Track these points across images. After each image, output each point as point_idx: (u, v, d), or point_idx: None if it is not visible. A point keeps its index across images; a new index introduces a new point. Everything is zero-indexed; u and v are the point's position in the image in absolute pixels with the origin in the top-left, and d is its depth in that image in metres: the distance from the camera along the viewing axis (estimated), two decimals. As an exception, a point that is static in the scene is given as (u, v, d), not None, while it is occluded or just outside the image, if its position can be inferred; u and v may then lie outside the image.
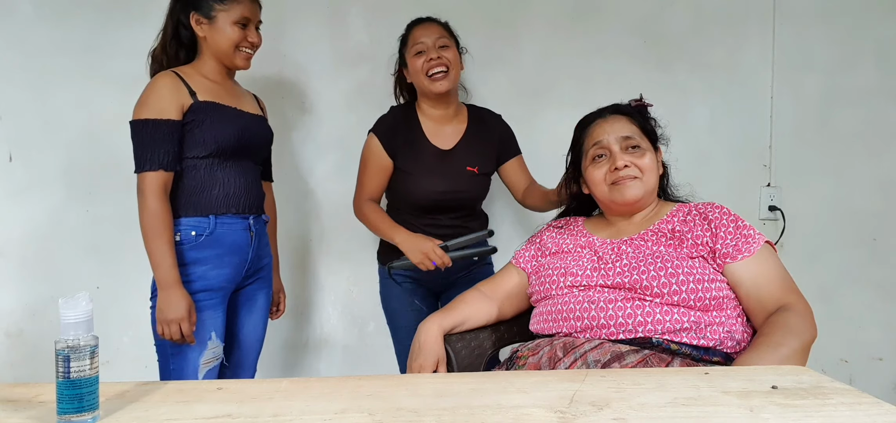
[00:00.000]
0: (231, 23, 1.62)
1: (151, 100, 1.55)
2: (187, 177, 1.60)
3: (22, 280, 2.14)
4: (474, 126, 1.93)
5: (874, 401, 0.81)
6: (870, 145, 2.33)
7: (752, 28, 2.31)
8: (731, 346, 1.18)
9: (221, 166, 1.63)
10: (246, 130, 1.67)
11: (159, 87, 1.57)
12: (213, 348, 1.60)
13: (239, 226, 1.66)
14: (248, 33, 1.66)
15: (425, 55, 1.81)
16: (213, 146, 1.60)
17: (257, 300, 1.78)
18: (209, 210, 1.61)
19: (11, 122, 2.12)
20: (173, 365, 1.57)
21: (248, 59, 1.69)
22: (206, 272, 1.59)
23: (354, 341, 2.29)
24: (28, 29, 2.10)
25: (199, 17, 1.63)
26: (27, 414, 0.81)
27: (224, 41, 1.63)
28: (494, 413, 0.78)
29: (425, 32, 1.84)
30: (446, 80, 1.81)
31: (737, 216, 1.27)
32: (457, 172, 1.86)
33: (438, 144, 1.87)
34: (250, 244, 1.69)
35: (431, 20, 1.88)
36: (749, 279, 1.19)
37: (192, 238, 1.58)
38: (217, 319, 1.62)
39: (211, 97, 1.62)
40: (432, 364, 1.28)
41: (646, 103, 1.44)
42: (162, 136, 1.54)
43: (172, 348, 1.57)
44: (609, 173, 1.34)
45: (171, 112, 1.55)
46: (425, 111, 1.89)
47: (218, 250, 1.61)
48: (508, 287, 1.44)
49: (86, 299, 0.77)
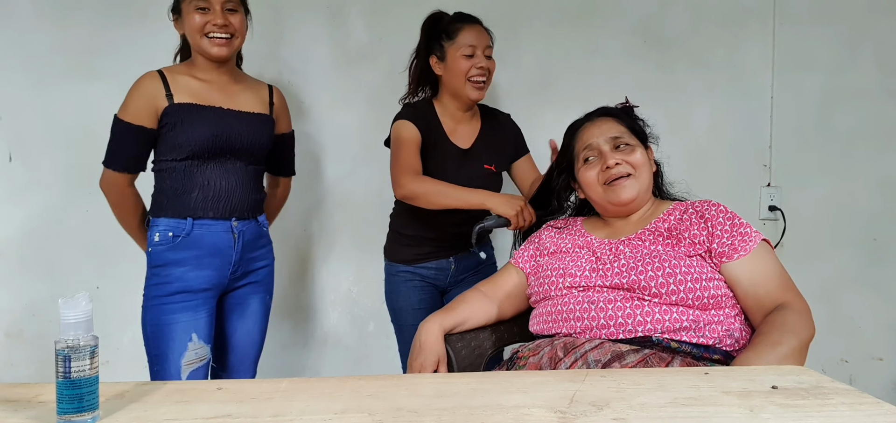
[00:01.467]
0: (193, 10, 1.60)
1: (130, 101, 1.60)
2: (167, 179, 1.61)
3: (22, 280, 2.14)
4: (488, 125, 1.93)
5: (874, 401, 0.81)
6: (870, 145, 2.33)
7: (752, 28, 2.31)
8: (730, 344, 1.18)
9: (201, 168, 1.62)
10: (224, 130, 1.61)
11: (138, 90, 1.60)
12: (194, 349, 1.60)
13: (219, 228, 1.64)
14: (212, 16, 1.59)
15: (474, 60, 1.78)
16: (187, 149, 1.59)
17: (250, 305, 1.76)
18: (187, 212, 1.61)
19: (11, 122, 2.12)
20: (156, 366, 1.60)
21: (219, 45, 1.60)
22: (185, 274, 1.60)
23: (354, 341, 2.29)
24: (28, 29, 2.10)
25: (175, 17, 1.66)
26: (27, 414, 0.81)
27: (190, 31, 1.62)
28: (494, 413, 0.78)
29: (478, 36, 1.80)
30: (484, 90, 1.82)
31: (734, 214, 1.26)
32: (476, 170, 1.85)
33: (458, 143, 1.86)
34: (233, 247, 1.66)
35: (480, 23, 1.84)
36: (746, 278, 1.19)
37: (169, 239, 1.59)
38: (199, 320, 1.61)
39: (191, 98, 1.61)
40: (433, 364, 1.28)
41: (632, 105, 1.45)
42: (130, 139, 1.59)
43: (154, 350, 1.60)
44: (601, 173, 1.34)
45: (143, 118, 1.58)
46: (447, 109, 1.87)
47: (196, 252, 1.61)
48: (508, 287, 1.44)
49: (86, 299, 0.77)
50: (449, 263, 1.89)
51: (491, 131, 1.92)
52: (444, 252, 1.88)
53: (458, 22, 1.82)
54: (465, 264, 1.90)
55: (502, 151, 1.92)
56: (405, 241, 1.88)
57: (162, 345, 1.58)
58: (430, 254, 1.87)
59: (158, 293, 1.59)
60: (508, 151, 1.94)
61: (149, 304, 1.61)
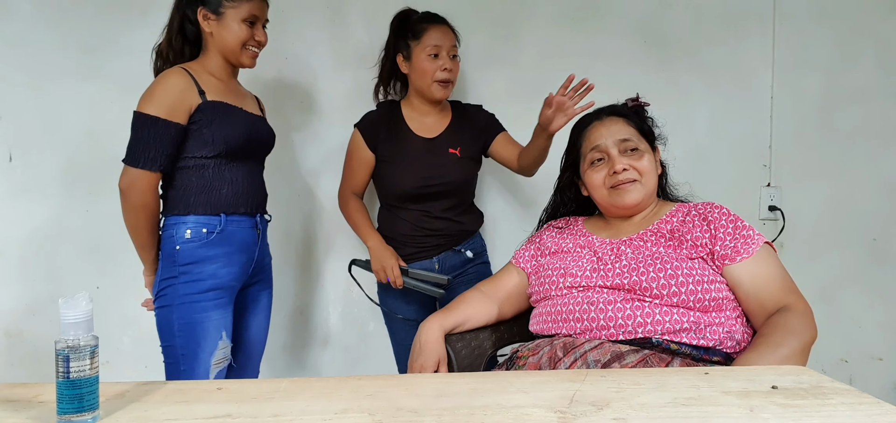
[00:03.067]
0: (240, 20, 1.60)
1: (162, 97, 1.52)
2: (196, 175, 1.59)
3: (22, 280, 2.14)
4: (457, 116, 1.97)
5: (874, 401, 0.81)
6: (870, 145, 2.33)
7: (752, 28, 2.31)
8: (731, 346, 1.18)
9: (229, 166, 1.62)
10: (253, 130, 1.67)
11: (171, 85, 1.54)
12: (223, 348, 1.59)
13: (247, 224, 1.66)
14: (256, 32, 1.64)
15: (439, 61, 1.83)
16: (221, 146, 1.59)
17: (261, 301, 1.78)
18: (220, 208, 1.60)
19: (11, 122, 2.12)
20: (184, 366, 1.55)
21: (254, 57, 1.67)
22: (217, 270, 1.58)
23: (354, 341, 2.29)
24: (28, 29, 2.10)
25: (207, 13, 1.60)
26: (27, 414, 0.81)
27: (231, 38, 1.61)
28: (494, 413, 0.78)
29: (443, 37, 1.84)
30: (450, 89, 1.87)
31: (736, 217, 1.26)
32: (441, 157, 1.89)
33: (424, 134, 1.91)
34: (257, 243, 1.69)
35: (447, 24, 1.88)
36: (748, 280, 1.18)
37: (203, 235, 1.57)
38: (227, 318, 1.61)
39: (219, 97, 1.61)
40: (433, 364, 1.28)
41: (643, 103, 1.44)
42: (164, 137, 1.51)
43: (184, 349, 1.55)
44: (608, 177, 1.34)
45: (178, 114, 1.53)
46: (414, 106, 1.92)
47: (227, 249, 1.61)
48: (508, 287, 1.44)
49: (86, 299, 0.77)
50: (432, 263, 1.90)
51: (459, 121, 1.96)
52: (426, 252, 1.90)
53: (424, 22, 1.86)
54: (451, 263, 1.91)
55: (471, 137, 1.95)
56: (390, 243, 1.90)
57: (193, 344, 1.54)
58: (414, 255, 1.89)
59: (190, 291, 1.55)
60: (479, 135, 1.96)
61: (177, 302, 1.55)
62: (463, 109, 2.00)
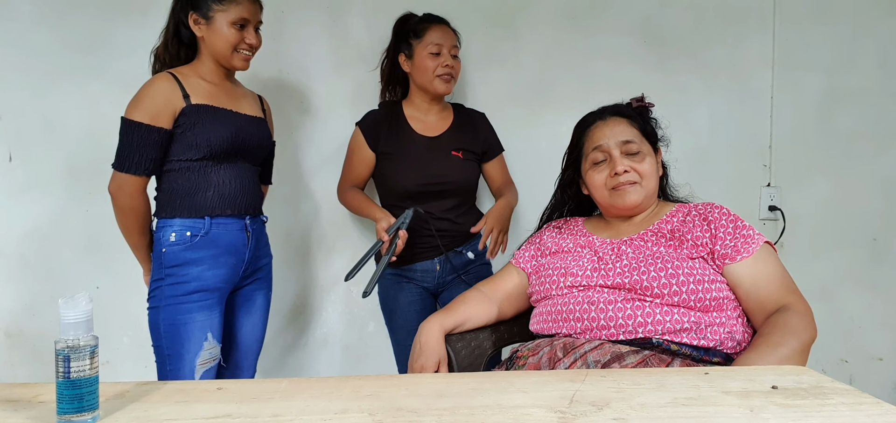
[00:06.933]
0: (229, 24, 1.62)
1: (146, 102, 1.55)
2: (181, 179, 1.60)
3: (22, 280, 2.14)
4: (460, 118, 2.00)
5: (874, 401, 0.81)
6: (870, 145, 2.33)
7: (752, 28, 2.31)
8: (732, 346, 1.17)
9: (216, 168, 1.63)
10: (240, 132, 1.66)
11: (155, 91, 1.57)
12: (209, 348, 1.60)
13: (235, 227, 1.66)
14: (247, 35, 1.65)
15: (441, 59, 1.86)
16: (205, 149, 1.60)
17: (256, 301, 1.78)
18: (204, 211, 1.61)
19: (11, 122, 2.12)
20: (170, 366, 1.58)
21: (246, 60, 1.68)
22: (202, 273, 1.60)
23: (354, 341, 2.29)
24: (28, 29, 2.10)
25: (198, 17, 1.63)
26: (27, 414, 0.81)
27: (221, 42, 1.63)
28: (494, 413, 0.78)
29: (444, 36, 1.88)
30: (452, 84, 1.90)
31: (736, 217, 1.26)
32: (443, 157, 1.91)
33: (426, 133, 1.93)
34: (247, 245, 1.69)
35: (448, 24, 1.92)
36: (748, 280, 1.18)
37: (187, 238, 1.59)
38: (213, 319, 1.62)
39: (206, 100, 1.62)
40: (434, 364, 1.27)
41: (647, 104, 1.43)
42: (149, 142, 1.55)
43: (169, 350, 1.58)
44: (609, 178, 1.34)
45: (162, 119, 1.56)
46: (416, 105, 1.95)
47: (213, 251, 1.62)
48: (508, 287, 1.44)
49: (86, 299, 0.77)
50: (433, 264, 1.91)
51: (462, 123, 1.99)
52: (427, 254, 1.90)
53: (425, 22, 1.91)
54: (453, 264, 1.91)
55: (473, 143, 1.98)
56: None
57: (177, 345, 1.57)
58: (415, 256, 1.89)
59: (175, 293, 1.58)
60: (480, 145, 2.00)
61: (163, 304, 1.58)
62: (465, 113, 2.03)
